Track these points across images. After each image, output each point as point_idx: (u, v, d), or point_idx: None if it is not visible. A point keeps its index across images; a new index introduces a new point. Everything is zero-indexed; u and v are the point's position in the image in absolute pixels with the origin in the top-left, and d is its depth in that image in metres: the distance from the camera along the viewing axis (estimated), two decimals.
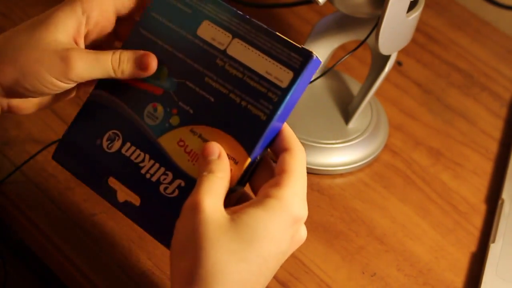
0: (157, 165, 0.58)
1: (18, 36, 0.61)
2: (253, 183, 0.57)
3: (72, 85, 0.59)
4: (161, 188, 0.57)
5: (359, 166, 0.78)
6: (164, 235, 0.56)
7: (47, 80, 0.58)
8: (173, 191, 0.57)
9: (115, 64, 0.60)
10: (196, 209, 0.51)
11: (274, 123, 0.56)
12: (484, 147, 0.83)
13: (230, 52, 0.59)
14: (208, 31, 0.60)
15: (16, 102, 0.61)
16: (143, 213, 0.58)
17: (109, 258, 0.67)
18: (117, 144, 0.60)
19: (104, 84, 0.61)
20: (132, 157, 0.59)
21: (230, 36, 0.59)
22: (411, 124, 0.84)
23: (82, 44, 0.60)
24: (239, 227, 0.51)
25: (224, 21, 0.60)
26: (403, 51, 0.87)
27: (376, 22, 0.70)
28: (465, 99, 0.88)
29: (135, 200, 0.58)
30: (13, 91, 0.60)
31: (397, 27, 0.71)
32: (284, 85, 0.56)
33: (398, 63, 0.90)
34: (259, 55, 0.58)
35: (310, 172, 0.77)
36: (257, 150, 0.56)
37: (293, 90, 0.56)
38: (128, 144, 0.59)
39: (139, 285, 0.65)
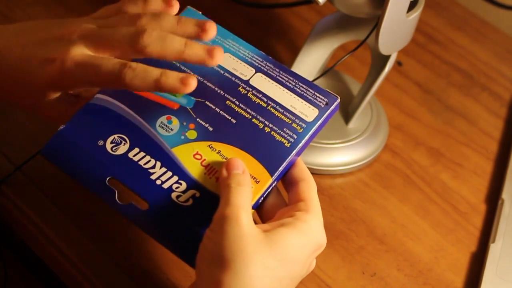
0: (169, 173, 0.56)
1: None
2: (262, 209, 0.58)
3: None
4: (173, 195, 0.55)
5: (359, 166, 0.78)
6: (173, 242, 0.54)
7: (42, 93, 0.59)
8: (187, 200, 0.55)
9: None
10: (234, 221, 0.51)
11: (297, 151, 0.56)
12: (484, 147, 0.83)
13: (253, 83, 0.59)
14: (230, 62, 0.60)
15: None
16: (150, 218, 0.55)
17: (109, 258, 0.67)
18: (123, 148, 0.58)
19: (110, 91, 0.60)
20: (141, 162, 0.57)
21: (253, 70, 0.60)
22: (411, 124, 0.84)
23: None
24: (275, 245, 0.52)
25: (246, 56, 0.60)
26: (403, 51, 0.87)
27: (376, 22, 0.70)
28: (465, 99, 0.88)
29: (142, 204, 0.56)
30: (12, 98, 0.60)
31: (397, 27, 0.71)
32: (309, 119, 0.58)
33: (398, 63, 0.90)
34: (283, 90, 0.59)
35: (310, 172, 0.76)
36: (279, 174, 0.56)
37: (317, 125, 0.58)
38: (137, 150, 0.57)
39: (139, 285, 0.65)
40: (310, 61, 0.80)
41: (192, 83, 0.55)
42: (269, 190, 0.56)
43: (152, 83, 0.55)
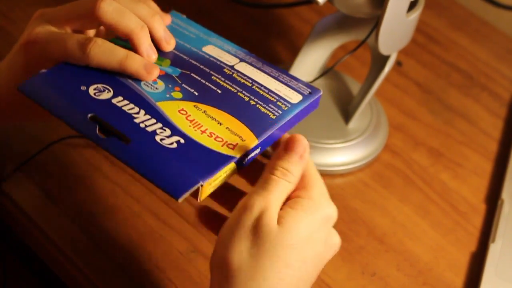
0: (153, 120, 0.55)
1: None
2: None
3: None
4: (157, 138, 0.54)
5: (359, 166, 0.78)
6: (155, 175, 0.52)
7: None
8: (171, 143, 0.54)
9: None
10: (265, 211, 0.52)
11: (282, 124, 0.56)
12: (484, 147, 0.83)
13: (238, 68, 0.60)
14: (214, 51, 0.61)
15: None
16: (133, 152, 0.53)
17: (109, 258, 0.67)
18: (106, 95, 0.57)
19: None
20: (124, 108, 0.56)
21: (238, 60, 0.60)
22: (411, 124, 0.84)
23: None
24: (285, 232, 0.52)
25: (230, 50, 0.61)
26: (403, 51, 0.87)
27: (376, 22, 0.70)
28: (465, 99, 0.88)
29: (124, 139, 0.54)
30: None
31: (397, 27, 0.71)
32: (293, 101, 0.58)
33: (398, 63, 0.90)
34: (267, 77, 0.59)
35: None
36: (264, 139, 0.55)
37: (302, 108, 0.58)
38: (120, 98, 0.56)
39: (139, 285, 0.65)
40: (310, 61, 0.80)
41: (155, 73, 0.57)
42: (253, 155, 0.55)
43: (116, 63, 0.57)
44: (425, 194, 0.77)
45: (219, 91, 0.58)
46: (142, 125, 0.55)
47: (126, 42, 0.59)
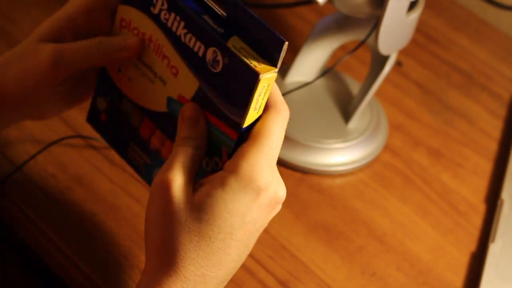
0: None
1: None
2: None
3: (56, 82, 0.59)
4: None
5: (359, 166, 0.78)
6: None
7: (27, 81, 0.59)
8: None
9: (95, 46, 0.59)
10: (166, 188, 0.52)
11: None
12: (484, 147, 0.83)
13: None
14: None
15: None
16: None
17: (109, 258, 0.67)
18: None
19: None
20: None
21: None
22: (411, 124, 0.84)
23: None
24: (201, 207, 0.51)
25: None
26: (403, 51, 0.87)
27: (376, 22, 0.70)
28: (465, 99, 0.88)
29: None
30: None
31: (397, 27, 0.71)
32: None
33: (398, 63, 0.90)
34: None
35: (310, 172, 0.77)
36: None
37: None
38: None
39: None
40: (310, 61, 0.80)
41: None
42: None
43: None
44: (425, 194, 0.77)
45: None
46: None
47: None
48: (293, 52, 0.84)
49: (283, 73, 0.81)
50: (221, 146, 0.55)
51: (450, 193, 0.78)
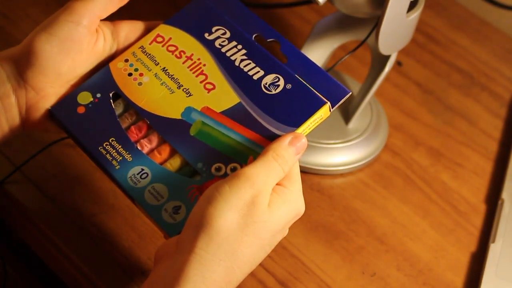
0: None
1: None
2: None
3: (83, 30, 0.61)
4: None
5: (359, 166, 0.78)
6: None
7: (56, 24, 0.60)
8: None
9: None
10: (262, 191, 0.54)
11: None
12: (484, 147, 0.83)
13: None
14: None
15: (35, 99, 0.61)
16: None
17: (109, 258, 0.67)
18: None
19: None
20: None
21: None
22: (411, 124, 0.84)
23: None
24: (272, 218, 0.54)
25: None
26: (403, 51, 0.87)
27: (376, 22, 0.70)
28: (465, 99, 0.88)
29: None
30: (29, 62, 0.60)
31: (397, 27, 0.71)
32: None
33: (398, 63, 0.90)
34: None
35: (310, 172, 0.77)
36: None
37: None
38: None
39: (139, 285, 0.65)
40: None
41: None
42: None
43: None
44: (425, 194, 0.77)
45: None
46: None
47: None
48: None
49: None
50: (249, 154, 0.59)
51: (450, 193, 0.78)
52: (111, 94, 0.63)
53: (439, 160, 0.80)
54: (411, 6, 0.72)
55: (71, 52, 0.61)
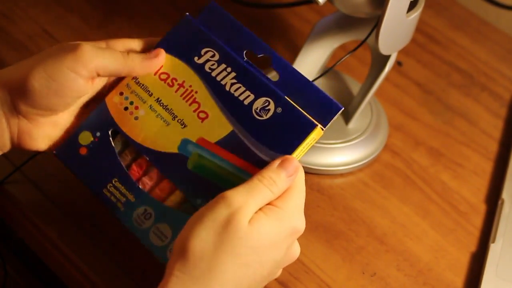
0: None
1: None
2: None
3: (82, 80, 0.60)
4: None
5: (359, 166, 0.78)
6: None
7: (57, 70, 0.59)
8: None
9: (124, 53, 0.62)
10: (240, 209, 0.54)
11: None
12: (484, 147, 0.83)
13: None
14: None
15: (28, 127, 0.62)
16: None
17: (109, 258, 0.67)
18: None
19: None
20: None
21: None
22: (411, 124, 0.84)
23: None
24: (253, 233, 0.54)
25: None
26: (403, 51, 0.87)
27: (376, 22, 0.70)
28: (465, 99, 0.88)
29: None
30: (23, 96, 0.60)
31: (397, 27, 0.71)
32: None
33: (398, 63, 0.90)
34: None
35: (310, 172, 0.77)
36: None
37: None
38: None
39: (139, 285, 0.65)
40: (310, 61, 0.80)
41: (159, 54, 0.63)
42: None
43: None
44: (425, 194, 0.77)
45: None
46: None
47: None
48: (293, 52, 0.84)
49: None
50: (238, 183, 0.57)
51: (450, 193, 0.78)
52: (110, 132, 0.63)
53: (439, 160, 0.80)
54: (411, 6, 0.72)
55: (67, 95, 0.61)
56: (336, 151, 0.77)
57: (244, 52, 0.63)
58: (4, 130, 0.61)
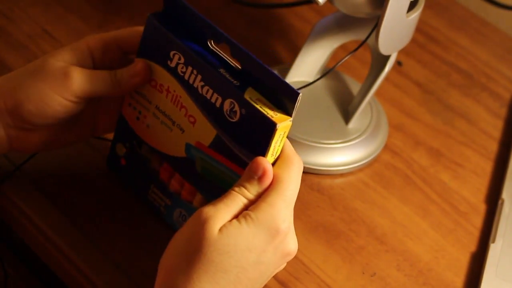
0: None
1: (23, 69, 0.64)
2: None
3: (72, 104, 0.61)
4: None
5: (359, 166, 0.78)
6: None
7: (48, 96, 0.61)
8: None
9: (112, 76, 0.63)
10: (209, 219, 0.54)
11: None
12: (484, 147, 0.83)
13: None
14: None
15: (25, 134, 0.64)
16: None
17: (109, 258, 0.67)
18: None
19: None
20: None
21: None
22: (411, 124, 0.84)
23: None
24: (223, 240, 0.54)
25: None
26: (403, 51, 0.87)
27: (376, 22, 0.70)
28: (465, 99, 0.88)
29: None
30: (17, 115, 0.62)
31: (397, 27, 0.71)
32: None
33: (398, 63, 0.90)
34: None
35: (310, 172, 0.77)
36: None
37: None
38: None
39: (139, 285, 0.65)
40: (310, 61, 0.80)
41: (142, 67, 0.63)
42: None
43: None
44: (425, 194, 0.77)
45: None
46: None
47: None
48: (293, 52, 0.84)
49: (283, 73, 0.81)
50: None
51: (450, 193, 0.78)
52: (135, 142, 0.65)
53: (439, 160, 0.80)
54: (411, 6, 0.72)
55: (58, 116, 0.62)
56: (336, 151, 0.77)
57: (208, 41, 0.61)
58: (2, 135, 0.63)
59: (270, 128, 0.56)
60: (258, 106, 0.57)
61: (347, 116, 0.80)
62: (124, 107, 0.66)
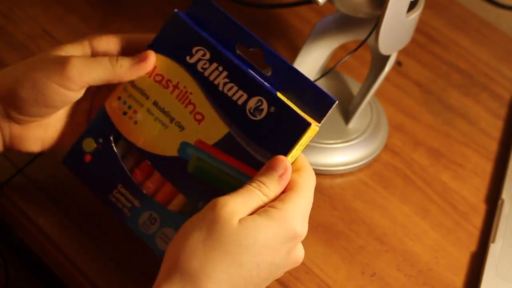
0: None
1: (22, 61, 0.63)
2: None
3: (69, 92, 0.60)
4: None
5: (359, 166, 0.78)
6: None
7: (46, 86, 0.59)
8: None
9: (113, 60, 0.61)
10: (228, 210, 0.54)
11: None
12: (484, 147, 0.83)
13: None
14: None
15: (18, 131, 0.62)
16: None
17: (109, 258, 0.67)
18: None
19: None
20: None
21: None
22: (411, 124, 0.84)
23: None
24: (243, 232, 0.53)
25: None
26: (403, 51, 0.87)
27: (376, 22, 0.70)
28: (465, 99, 0.88)
29: None
30: (11, 103, 0.61)
31: (397, 27, 0.71)
32: None
33: (398, 63, 0.90)
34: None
35: None
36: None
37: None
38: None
39: (139, 285, 0.65)
40: (310, 61, 0.80)
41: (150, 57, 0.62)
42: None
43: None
44: (425, 194, 0.77)
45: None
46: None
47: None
48: (293, 52, 0.84)
49: None
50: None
51: (450, 193, 0.78)
52: (112, 138, 0.63)
53: (439, 160, 0.81)
54: (411, 6, 0.72)
55: (56, 105, 0.61)
56: (336, 151, 0.77)
57: (236, 45, 0.61)
58: None
59: (302, 126, 0.57)
60: (291, 105, 0.58)
61: (347, 116, 0.80)
62: (109, 100, 0.64)
